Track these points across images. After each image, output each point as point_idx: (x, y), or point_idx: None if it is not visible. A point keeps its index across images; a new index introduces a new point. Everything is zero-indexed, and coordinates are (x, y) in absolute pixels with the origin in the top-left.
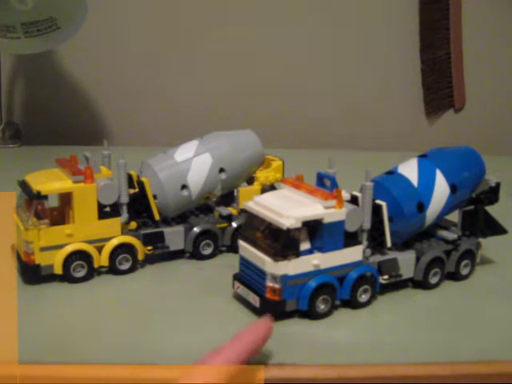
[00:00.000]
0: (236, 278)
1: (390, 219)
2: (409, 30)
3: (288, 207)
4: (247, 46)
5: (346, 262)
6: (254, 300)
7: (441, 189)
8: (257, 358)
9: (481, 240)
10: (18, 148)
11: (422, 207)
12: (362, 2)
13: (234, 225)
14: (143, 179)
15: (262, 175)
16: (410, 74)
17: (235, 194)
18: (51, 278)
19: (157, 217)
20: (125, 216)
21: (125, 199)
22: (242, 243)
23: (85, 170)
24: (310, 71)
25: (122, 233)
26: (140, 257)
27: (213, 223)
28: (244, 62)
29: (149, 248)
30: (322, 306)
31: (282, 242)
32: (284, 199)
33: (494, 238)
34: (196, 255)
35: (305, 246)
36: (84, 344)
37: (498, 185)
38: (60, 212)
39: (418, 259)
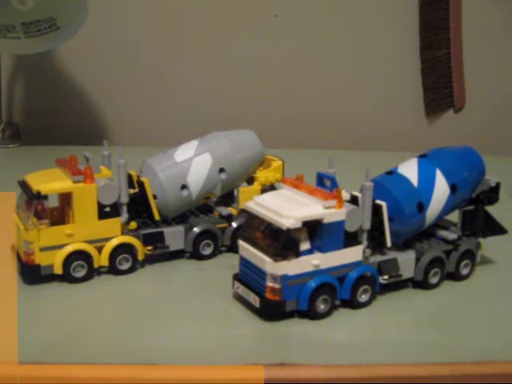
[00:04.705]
0: (236, 278)
1: (390, 219)
2: (409, 30)
3: (288, 207)
4: (247, 47)
5: (345, 262)
6: (254, 300)
7: (441, 189)
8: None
9: (481, 240)
10: (18, 148)
11: (422, 207)
12: (362, 3)
13: (234, 225)
14: (143, 179)
15: (262, 175)
16: (410, 74)
17: (235, 194)
18: (51, 278)
19: (157, 217)
20: (125, 216)
21: (125, 199)
22: (241, 243)
23: (85, 170)
24: (310, 71)
25: (122, 233)
26: (140, 257)
27: (213, 223)
28: (244, 63)
29: (149, 248)
30: (322, 306)
31: (281, 242)
32: (284, 199)
33: (493, 238)
34: (196, 255)
35: (305, 246)
36: (84, 344)
37: (498, 185)
38: (60, 212)
39: (418, 259)
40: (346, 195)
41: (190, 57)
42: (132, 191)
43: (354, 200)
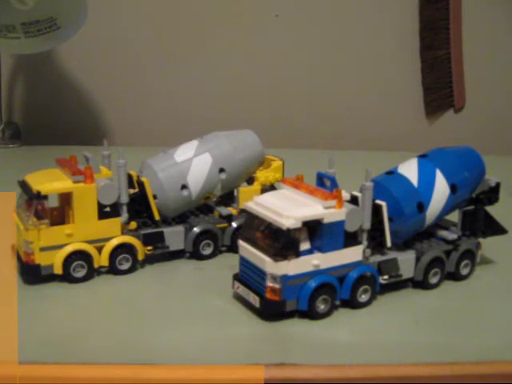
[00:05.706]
0: (236, 278)
1: (390, 219)
2: (409, 30)
3: (288, 207)
4: (247, 46)
5: (345, 262)
6: (254, 300)
7: (441, 189)
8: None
9: (481, 240)
10: (18, 148)
11: (421, 207)
12: (362, 2)
13: (234, 225)
14: (143, 179)
15: (262, 175)
16: (410, 74)
17: (235, 194)
18: (51, 278)
19: (157, 217)
20: (125, 216)
21: (125, 199)
22: (241, 243)
23: (85, 170)
24: (311, 71)
25: (122, 233)
26: (140, 257)
27: (213, 223)
28: (244, 62)
29: (149, 248)
30: (322, 306)
31: (282, 242)
32: (284, 199)
33: (493, 238)
34: (196, 255)
35: (305, 245)
36: (84, 344)
37: (497, 185)
38: (60, 212)
39: (417, 259)
40: (346, 195)
41: (190, 56)
42: (132, 191)
43: (354, 200)
